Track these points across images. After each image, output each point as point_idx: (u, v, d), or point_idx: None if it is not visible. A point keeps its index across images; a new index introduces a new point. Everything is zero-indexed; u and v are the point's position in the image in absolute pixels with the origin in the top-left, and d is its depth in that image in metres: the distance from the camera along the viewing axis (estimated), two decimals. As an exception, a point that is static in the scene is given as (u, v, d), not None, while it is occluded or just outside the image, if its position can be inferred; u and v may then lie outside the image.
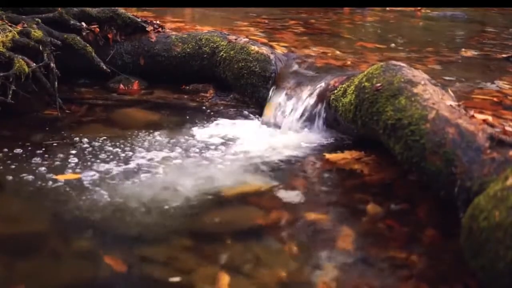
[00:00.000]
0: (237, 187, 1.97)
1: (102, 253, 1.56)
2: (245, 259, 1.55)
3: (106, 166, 2.07)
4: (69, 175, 1.98)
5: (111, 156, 2.15)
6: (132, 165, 2.09)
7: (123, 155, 2.17)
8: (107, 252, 1.57)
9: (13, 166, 2.04)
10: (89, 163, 2.08)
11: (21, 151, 2.17)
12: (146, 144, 2.29)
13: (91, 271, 1.50)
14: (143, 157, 2.16)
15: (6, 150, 2.17)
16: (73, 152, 2.18)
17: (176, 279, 1.46)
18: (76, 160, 2.11)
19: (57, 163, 2.08)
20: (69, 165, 2.06)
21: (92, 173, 2.01)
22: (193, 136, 2.41)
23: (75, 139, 2.31)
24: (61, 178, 1.96)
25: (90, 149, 2.21)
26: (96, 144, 2.26)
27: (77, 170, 2.02)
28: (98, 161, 2.11)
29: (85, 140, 2.30)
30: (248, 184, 2.00)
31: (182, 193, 1.90)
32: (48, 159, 2.11)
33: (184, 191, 1.92)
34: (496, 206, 1.28)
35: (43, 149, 2.20)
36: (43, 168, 2.03)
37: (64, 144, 2.26)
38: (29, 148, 2.20)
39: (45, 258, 1.56)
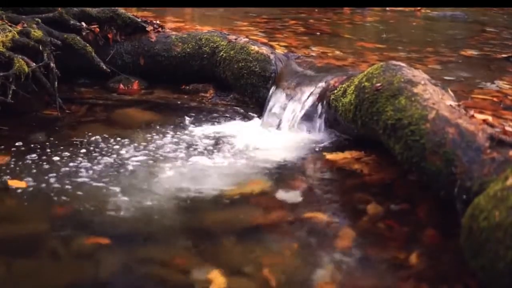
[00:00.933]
0: (237, 187, 1.97)
1: (102, 253, 1.56)
2: (245, 259, 1.55)
3: (106, 166, 2.07)
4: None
5: (111, 156, 2.15)
6: (132, 164, 2.09)
7: (123, 155, 2.17)
8: (107, 252, 1.57)
9: (12, 166, 2.04)
10: (89, 163, 2.09)
11: (21, 151, 2.17)
12: (145, 144, 2.29)
13: (91, 271, 1.50)
14: (142, 157, 2.16)
15: (6, 150, 2.17)
16: (73, 151, 2.18)
17: (175, 279, 1.46)
18: (76, 159, 2.11)
19: (57, 162, 2.08)
20: (69, 165, 2.06)
21: (91, 172, 2.01)
22: (193, 136, 2.41)
23: (75, 139, 2.31)
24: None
25: (90, 148, 2.22)
26: (96, 144, 2.27)
27: (77, 170, 2.02)
28: (98, 161, 2.11)
29: (85, 140, 2.30)
30: (248, 184, 2.00)
31: (182, 193, 1.90)
32: (48, 158, 2.11)
33: (184, 191, 1.92)
34: (496, 206, 1.28)
35: (43, 148, 2.20)
36: (42, 168, 2.03)
37: (64, 144, 2.26)
38: (29, 148, 2.20)
39: (45, 258, 1.56)
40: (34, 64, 2.52)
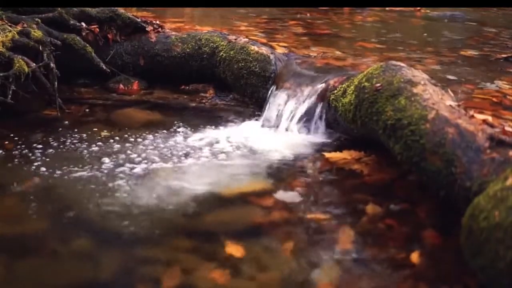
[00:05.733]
0: (237, 187, 1.97)
1: (102, 254, 1.56)
2: (245, 259, 1.55)
3: (106, 166, 2.07)
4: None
5: (111, 156, 2.15)
6: (131, 165, 2.09)
7: (122, 155, 2.17)
8: (107, 252, 1.57)
9: (12, 166, 2.04)
10: (89, 163, 2.08)
11: (21, 151, 2.17)
12: (145, 144, 2.29)
13: (91, 271, 1.50)
14: (142, 157, 2.16)
15: (5, 150, 2.17)
16: (73, 151, 2.18)
17: (175, 279, 1.46)
18: (76, 159, 2.11)
19: (57, 162, 2.08)
20: (69, 165, 2.06)
21: (91, 172, 2.01)
22: (192, 136, 2.40)
23: (74, 139, 2.31)
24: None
25: (89, 149, 2.22)
26: (96, 144, 2.26)
27: (76, 170, 2.02)
28: (98, 161, 2.11)
29: (85, 139, 2.30)
30: (248, 184, 2.00)
31: (181, 193, 1.90)
32: (48, 159, 2.11)
33: (183, 191, 1.92)
34: (496, 206, 1.28)
35: (43, 149, 2.20)
36: (42, 168, 2.03)
37: (63, 144, 2.26)
38: (29, 148, 2.20)
39: (45, 258, 1.56)
40: (34, 64, 2.52)
